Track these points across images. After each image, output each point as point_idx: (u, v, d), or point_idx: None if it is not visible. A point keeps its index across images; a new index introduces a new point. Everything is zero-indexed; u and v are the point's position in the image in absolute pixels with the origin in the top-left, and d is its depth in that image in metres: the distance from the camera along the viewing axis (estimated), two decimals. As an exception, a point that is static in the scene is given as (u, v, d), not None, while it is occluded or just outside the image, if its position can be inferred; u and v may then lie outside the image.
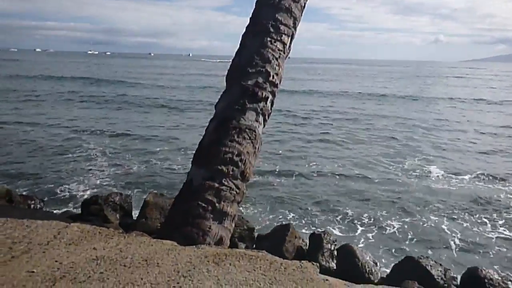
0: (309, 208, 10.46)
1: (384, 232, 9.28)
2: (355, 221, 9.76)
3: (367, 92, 43.81)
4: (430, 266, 5.79)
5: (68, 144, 16.46)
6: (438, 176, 13.70)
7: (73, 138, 17.84)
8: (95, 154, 14.87)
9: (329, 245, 6.60)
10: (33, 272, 3.58)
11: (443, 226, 9.68)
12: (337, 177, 13.21)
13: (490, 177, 13.63)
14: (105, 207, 7.26)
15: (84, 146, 15.89)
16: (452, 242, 8.89)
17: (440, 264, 5.98)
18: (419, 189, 12.22)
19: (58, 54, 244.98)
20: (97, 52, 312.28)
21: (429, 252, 8.33)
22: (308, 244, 6.79)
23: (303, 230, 8.87)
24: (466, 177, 13.65)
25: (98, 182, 11.87)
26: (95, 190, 11.08)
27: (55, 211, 8.29)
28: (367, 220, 9.86)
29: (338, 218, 9.91)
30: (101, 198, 7.47)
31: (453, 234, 9.27)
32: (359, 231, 9.24)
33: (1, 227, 4.34)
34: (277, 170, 13.64)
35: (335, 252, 6.48)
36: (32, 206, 7.92)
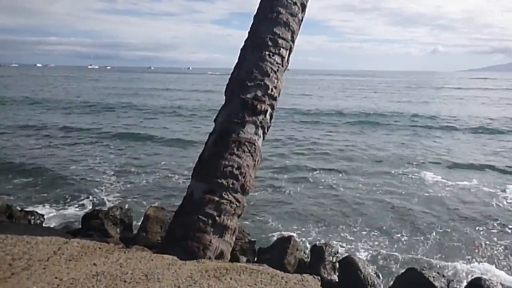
0: (311, 220, 10.40)
1: (386, 243, 9.19)
2: (357, 232, 9.69)
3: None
4: (433, 277, 5.74)
5: (73, 156, 16.51)
6: (446, 184, 13.66)
7: (78, 150, 17.91)
8: (98, 167, 14.85)
9: (331, 257, 6.58)
10: (33, 289, 3.56)
11: (448, 236, 9.60)
12: (336, 187, 13.16)
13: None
14: (106, 222, 7.23)
15: (89, 161, 15.87)
16: (456, 252, 8.82)
17: (443, 275, 5.93)
18: (423, 198, 12.18)
19: (58, 68, 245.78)
20: (97, 67, 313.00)
21: (433, 263, 8.25)
22: (309, 256, 6.76)
23: (304, 240, 8.84)
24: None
25: (98, 195, 11.82)
26: (96, 203, 11.05)
27: (55, 226, 8.24)
28: (369, 231, 9.78)
29: (339, 229, 9.83)
30: (101, 212, 7.45)
31: (457, 244, 9.20)
32: (360, 242, 9.16)
33: (1, 244, 4.32)
34: (280, 182, 13.60)
35: (337, 264, 6.43)
36: (32, 221, 7.90)
